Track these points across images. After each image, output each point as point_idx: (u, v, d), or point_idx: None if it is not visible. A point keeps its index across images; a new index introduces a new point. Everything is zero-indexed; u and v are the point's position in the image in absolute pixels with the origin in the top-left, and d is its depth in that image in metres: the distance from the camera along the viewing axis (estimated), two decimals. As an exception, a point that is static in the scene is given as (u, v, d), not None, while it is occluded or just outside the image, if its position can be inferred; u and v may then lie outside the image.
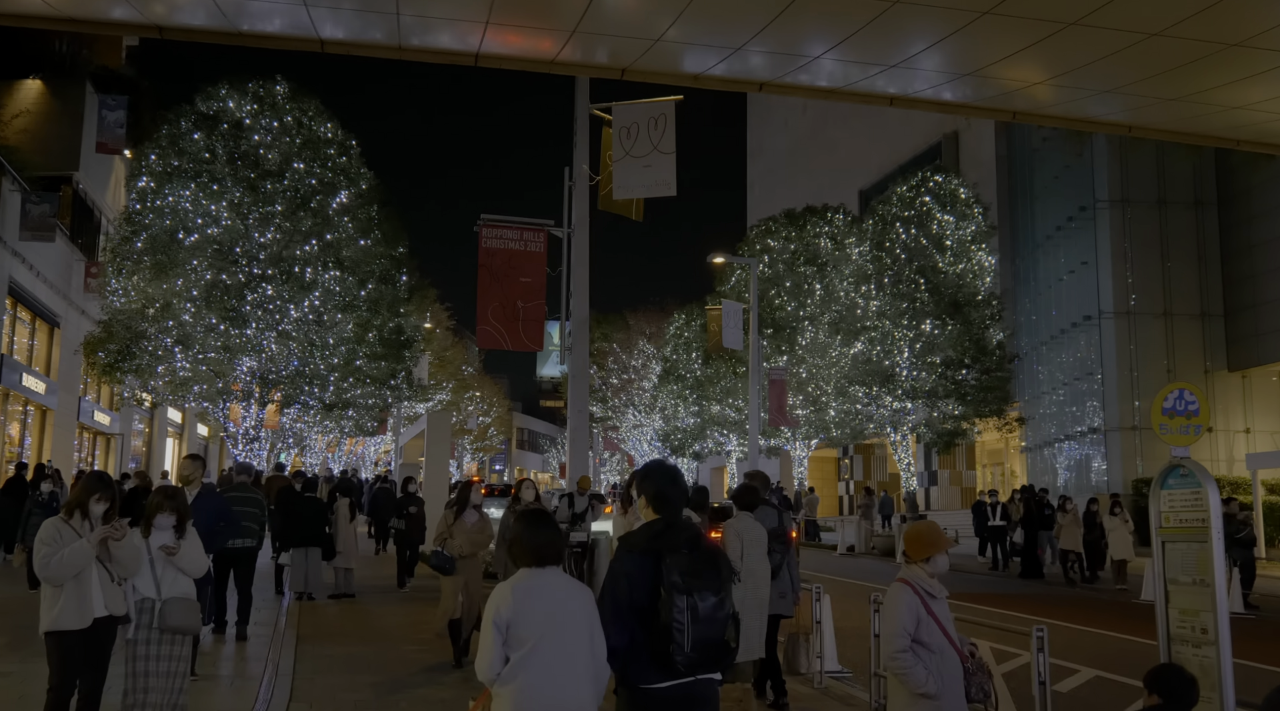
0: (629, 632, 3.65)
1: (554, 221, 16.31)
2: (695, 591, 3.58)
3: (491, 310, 15.78)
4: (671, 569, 3.60)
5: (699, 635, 3.55)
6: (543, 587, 3.66)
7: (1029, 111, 14.00)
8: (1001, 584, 19.27)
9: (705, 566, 3.66)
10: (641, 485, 3.97)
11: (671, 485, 3.92)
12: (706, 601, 3.59)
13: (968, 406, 29.15)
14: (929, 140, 42.67)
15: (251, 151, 24.72)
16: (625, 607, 3.66)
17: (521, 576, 3.70)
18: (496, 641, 3.56)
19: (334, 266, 24.46)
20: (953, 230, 30.29)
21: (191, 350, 23.53)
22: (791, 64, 12.14)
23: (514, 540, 3.76)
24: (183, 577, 5.71)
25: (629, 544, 3.79)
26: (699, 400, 42.56)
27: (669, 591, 3.57)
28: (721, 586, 3.68)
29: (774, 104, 61.18)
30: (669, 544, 3.67)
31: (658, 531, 3.75)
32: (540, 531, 3.78)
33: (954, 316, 29.14)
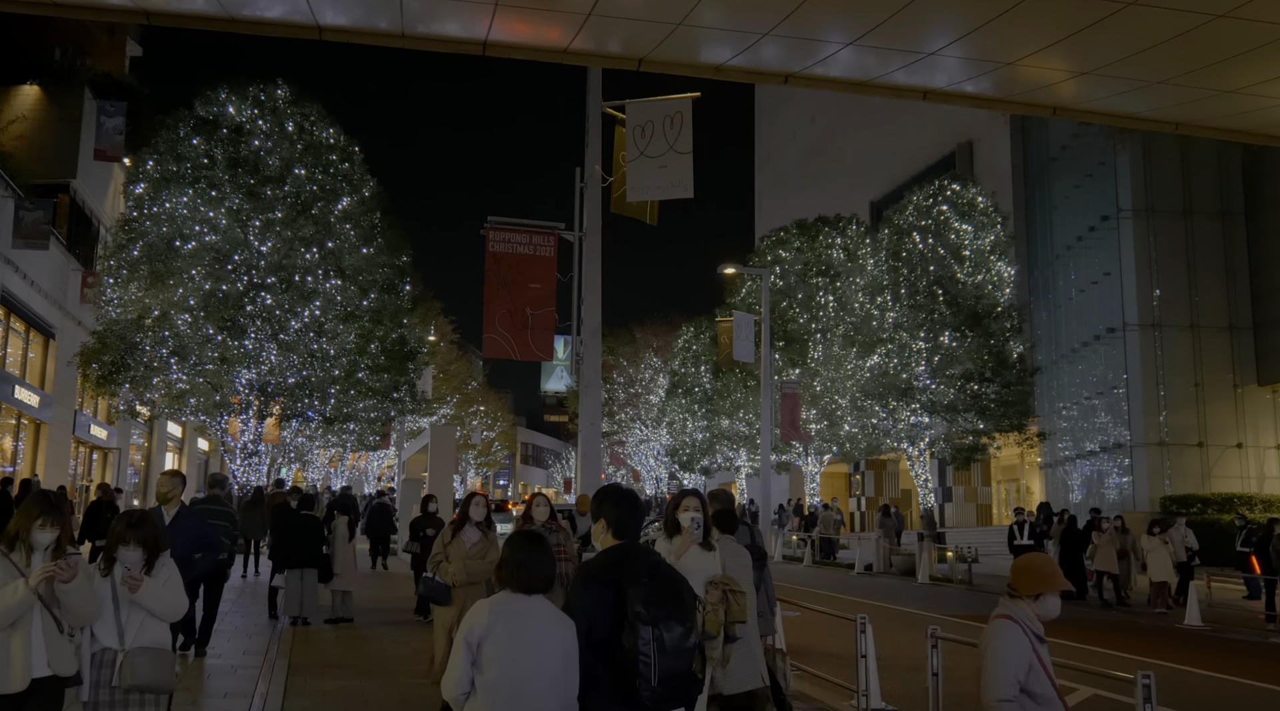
0: (587, 668, 3.50)
1: (564, 224, 15.54)
2: (660, 621, 3.43)
3: (499, 318, 15.00)
4: (634, 599, 3.45)
5: (666, 667, 3.41)
6: (524, 614, 3.47)
7: (1070, 106, 13.21)
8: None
9: (668, 595, 3.52)
10: (601, 510, 3.81)
11: (632, 510, 3.79)
12: (672, 632, 3.44)
13: (988, 421, 28.28)
14: (942, 150, 41.95)
15: (251, 156, 24.04)
16: (584, 642, 3.50)
17: (503, 598, 3.52)
18: (465, 660, 3.41)
19: (335, 275, 23.74)
20: (971, 240, 29.50)
21: (188, 361, 22.78)
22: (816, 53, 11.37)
23: (503, 562, 3.59)
24: (154, 623, 4.62)
25: (586, 574, 3.63)
26: (708, 414, 41.74)
27: (633, 622, 3.42)
28: (687, 615, 3.54)
29: (782, 114, 60.57)
30: (629, 573, 3.52)
31: (616, 559, 3.60)
32: (533, 556, 3.57)
33: (973, 328, 28.31)
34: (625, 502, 3.83)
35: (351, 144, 25.91)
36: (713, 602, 5.20)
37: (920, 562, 24.03)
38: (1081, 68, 11.69)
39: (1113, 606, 18.12)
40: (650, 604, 3.45)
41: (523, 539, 3.67)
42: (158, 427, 38.97)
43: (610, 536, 3.74)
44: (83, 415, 30.64)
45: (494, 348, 14.97)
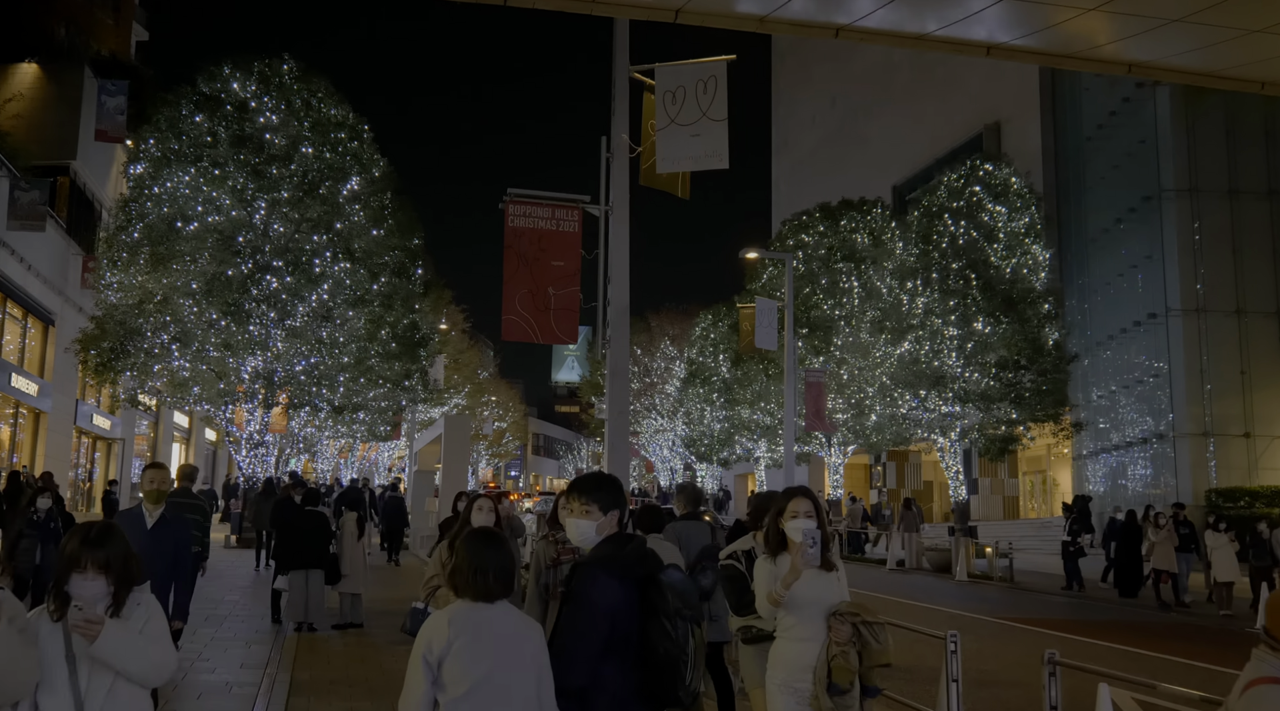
0: (594, 671, 3.19)
1: (590, 197, 14.43)
2: (686, 619, 3.23)
3: (519, 298, 13.89)
4: (665, 593, 3.21)
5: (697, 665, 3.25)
6: (487, 623, 3.13)
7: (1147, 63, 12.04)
8: (1090, 609, 17.21)
9: (691, 591, 3.35)
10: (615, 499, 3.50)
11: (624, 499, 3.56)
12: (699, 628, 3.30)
13: (1022, 410, 27.12)
14: (969, 132, 40.67)
15: (256, 134, 23.00)
16: (602, 641, 3.18)
17: (462, 608, 3.15)
18: (424, 680, 3.08)
19: (344, 258, 22.69)
20: (1005, 222, 28.29)
21: (190, 348, 21.78)
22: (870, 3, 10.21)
23: (456, 567, 3.20)
24: (127, 689, 3.13)
25: (609, 566, 3.28)
26: (727, 404, 40.62)
27: (670, 619, 3.18)
28: (700, 614, 3.41)
29: (801, 98, 59.28)
30: (658, 565, 3.29)
31: (641, 551, 3.32)
32: (491, 558, 3.19)
33: (1008, 314, 27.12)
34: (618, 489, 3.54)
35: (361, 122, 24.85)
36: (841, 643, 4.10)
37: (957, 559, 22.92)
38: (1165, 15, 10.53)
39: (1171, 607, 16.97)
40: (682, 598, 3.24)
41: (478, 538, 3.28)
42: (164, 417, 38.06)
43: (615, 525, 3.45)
44: (85, 405, 29.69)
45: (513, 330, 13.87)
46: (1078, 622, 14.76)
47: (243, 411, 24.33)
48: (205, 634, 10.83)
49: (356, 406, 24.13)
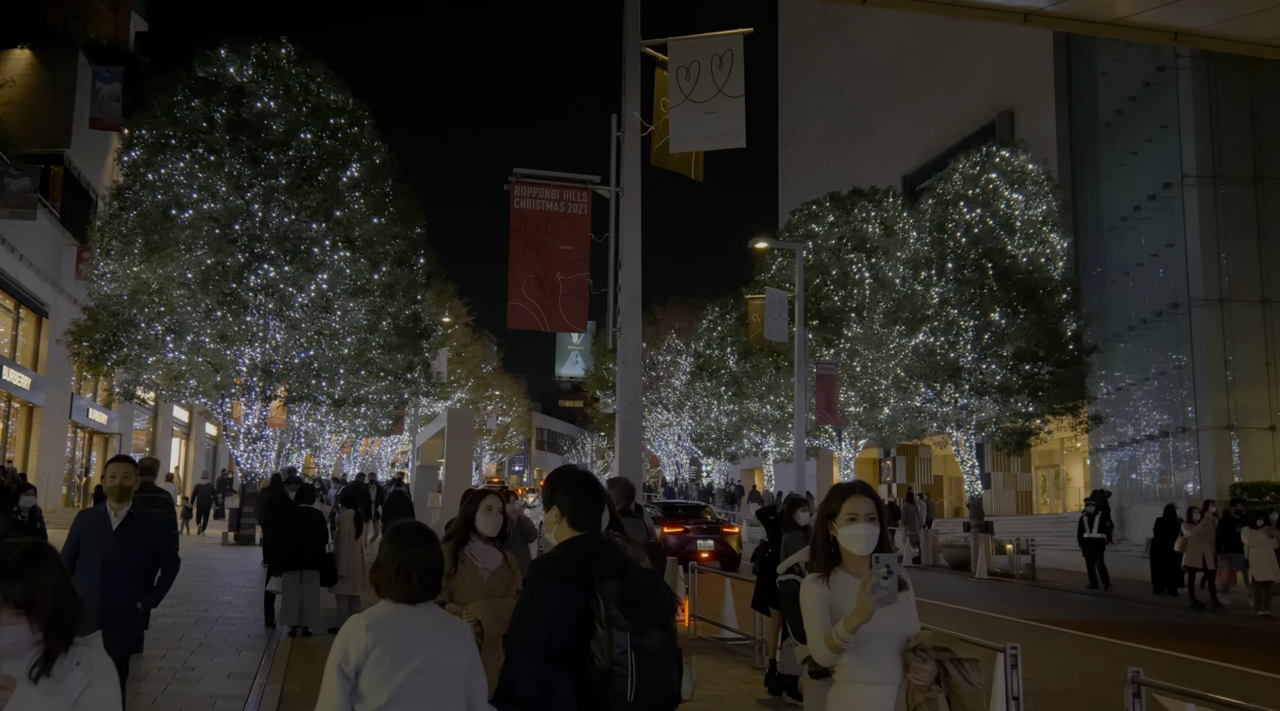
0: (544, 681, 2.92)
1: (600, 178, 13.73)
2: (639, 626, 2.90)
3: (525, 284, 13.21)
4: (609, 599, 2.91)
5: (644, 680, 2.89)
6: (410, 626, 2.88)
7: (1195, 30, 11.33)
8: (1120, 608, 16.50)
9: (647, 594, 2.97)
10: (554, 496, 3.22)
11: (591, 497, 3.22)
12: (652, 638, 2.92)
13: (1040, 403, 26.38)
14: (980, 120, 39.90)
15: (253, 120, 22.28)
16: (543, 650, 2.93)
17: (383, 610, 2.91)
18: (341, 691, 2.81)
19: (344, 246, 21.99)
20: (1022, 210, 27.53)
21: (185, 339, 21.11)
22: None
23: (379, 564, 2.95)
24: None
25: (550, 570, 3.03)
26: (735, 397, 39.94)
27: (608, 627, 2.88)
28: (667, 618, 3.01)
29: (808, 87, 58.50)
30: (603, 569, 2.97)
31: (587, 553, 3.03)
32: (416, 554, 2.93)
33: (1026, 304, 26.37)
34: (583, 488, 3.23)
35: (361, 107, 24.15)
36: (924, 687, 3.22)
37: (976, 555, 22.25)
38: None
39: (1206, 608, 16.27)
40: (628, 605, 2.94)
41: (405, 533, 3.04)
42: (162, 412, 37.45)
43: (567, 526, 3.16)
44: (80, 398, 29.10)
45: (520, 318, 13.19)
46: (1112, 624, 14.06)
47: (240, 405, 23.68)
48: (193, 638, 10.19)
49: (357, 400, 23.45)
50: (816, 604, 3.25)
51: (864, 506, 3.30)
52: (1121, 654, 11.30)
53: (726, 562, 19.85)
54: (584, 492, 3.21)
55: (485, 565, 4.62)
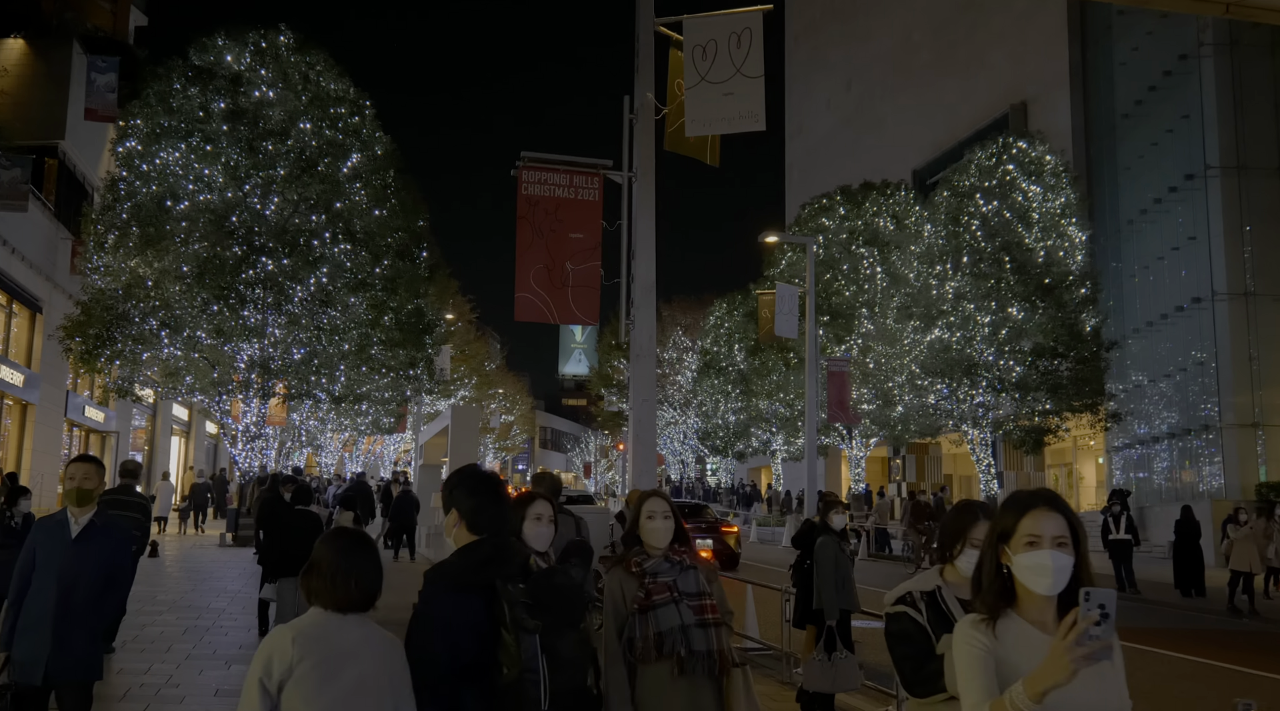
0: (448, 701, 2.69)
1: (611, 162, 13.07)
2: (551, 629, 2.79)
3: (534, 274, 12.55)
4: (514, 602, 2.75)
5: (560, 684, 2.79)
6: (340, 639, 2.69)
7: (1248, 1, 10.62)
8: (1154, 614, 15.80)
9: (556, 595, 2.89)
10: (452, 498, 3.01)
11: (492, 499, 3.00)
12: (565, 639, 2.84)
13: (1058, 400, 25.71)
14: (993, 113, 39.17)
15: (251, 109, 21.66)
16: (446, 666, 2.70)
17: (312, 621, 2.70)
18: (262, 706, 2.59)
19: (344, 239, 21.37)
20: (1040, 202, 26.85)
21: (181, 334, 20.48)
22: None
23: (311, 566, 2.74)
24: None
25: (444, 577, 2.82)
26: (742, 395, 39.29)
27: (515, 631, 2.72)
28: (577, 618, 2.94)
29: (816, 82, 57.79)
30: (503, 572, 2.82)
31: (484, 557, 2.84)
32: (353, 559, 2.74)
33: (1044, 299, 25.70)
34: (483, 489, 3.07)
35: (362, 97, 23.52)
36: None
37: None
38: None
39: (1244, 614, 15.57)
40: (535, 606, 2.77)
41: (345, 536, 2.87)
42: (161, 410, 36.84)
43: (464, 531, 2.99)
44: (76, 396, 28.44)
45: (528, 309, 12.53)
46: (1158, 633, 13.38)
47: (238, 402, 23.07)
48: (180, 650, 9.56)
49: (358, 397, 22.83)
50: (978, 658, 2.33)
51: (1050, 525, 2.32)
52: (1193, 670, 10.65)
53: (725, 562, 19.62)
54: (484, 495, 3.04)
55: None
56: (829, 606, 7.12)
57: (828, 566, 7.21)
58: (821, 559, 7.25)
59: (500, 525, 3.04)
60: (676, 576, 3.70)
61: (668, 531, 3.76)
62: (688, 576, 3.74)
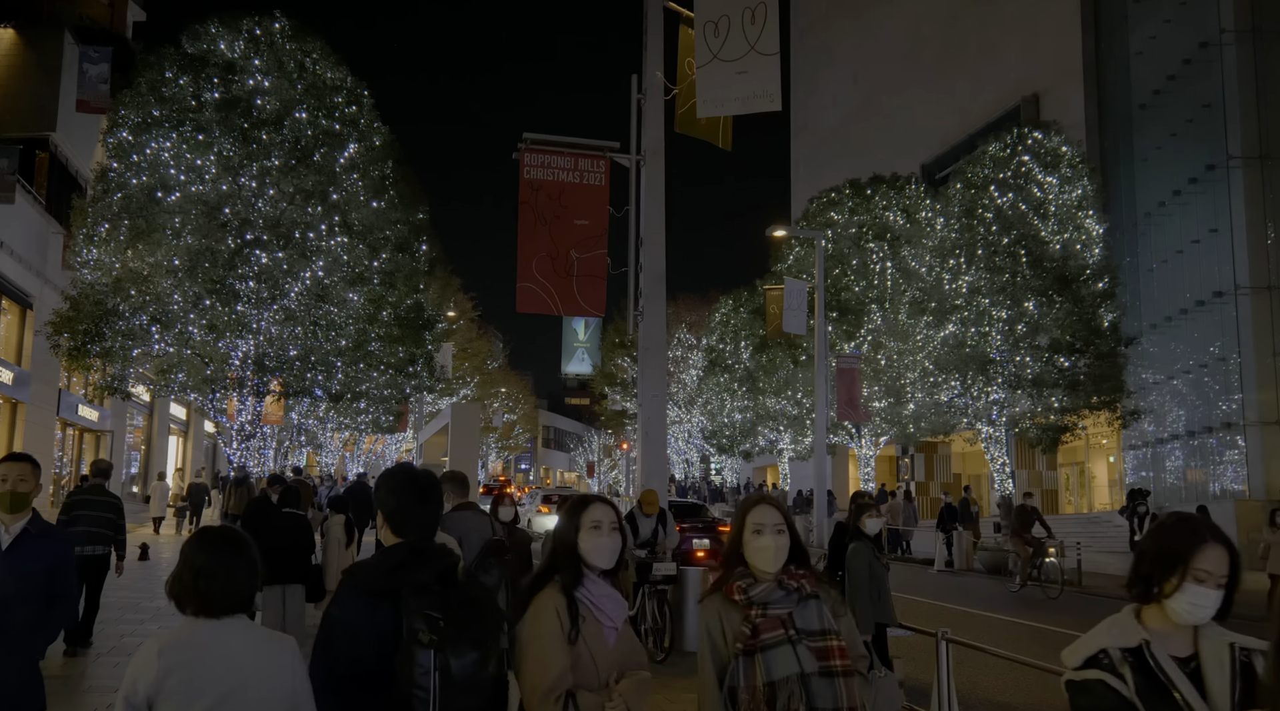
0: (348, 705, 2.60)
1: (619, 144, 12.41)
2: (448, 645, 2.54)
3: (536, 263, 11.89)
4: (414, 612, 2.56)
5: (451, 707, 2.54)
6: (214, 648, 2.51)
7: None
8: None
9: (464, 609, 2.62)
10: (377, 498, 2.90)
11: (418, 499, 2.86)
12: (463, 658, 2.56)
13: (1076, 397, 25.01)
14: (1004, 106, 38.48)
15: (245, 98, 20.98)
16: (344, 671, 2.61)
17: (181, 631, 2.54)
18: None
19: (341, 231, 20.69)
20: (1056, 194, 26.15)
21: (172, 330, 19.81)
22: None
23: (176, 573, 2.60)
24: None
25: (355, 581, 2.69)
26: (749, 393, 38.59)
27: (409, 645, 2.53)
28: (485, 636, 2.63)
29: (821, 77, 57.07)
30: (412, 579, 2.63)
31: (398, 561, 2.68)
32: (220, 560, 2.60)
33: (1061, 293, 24.99)
34: (407, 489, 2.84)
35: (360, 86, 22.84)
36: None
37: (1017, 560, 20.86)
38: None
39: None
40: (435, 619, 2.54)
41: (210, 535, 2.68)
42: (158, 409, 36.22)
43: (389, 532, 2.80)
44: (69, 395, 27.82)
45: (530, 300, 11.87)
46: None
47: (233, 400, 22.42)
48: (158, 665, 8.88)
49: (356, 394, 22.15)
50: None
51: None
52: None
53: None
54: (409, 494, 2.86)
55: (611, 619, 2.93)
56: (864, 620, 6.44)
57: (861, 576, 6.54)
58: (855, 568, 6.58)
59: (425, 528, 2.84)
60: (793, 608, 2.88)
61: (781, 549, 2.92)
62: (808, 609, 2.90)
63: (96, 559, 9.32)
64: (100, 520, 9.24)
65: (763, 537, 2.90)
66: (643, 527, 10.02)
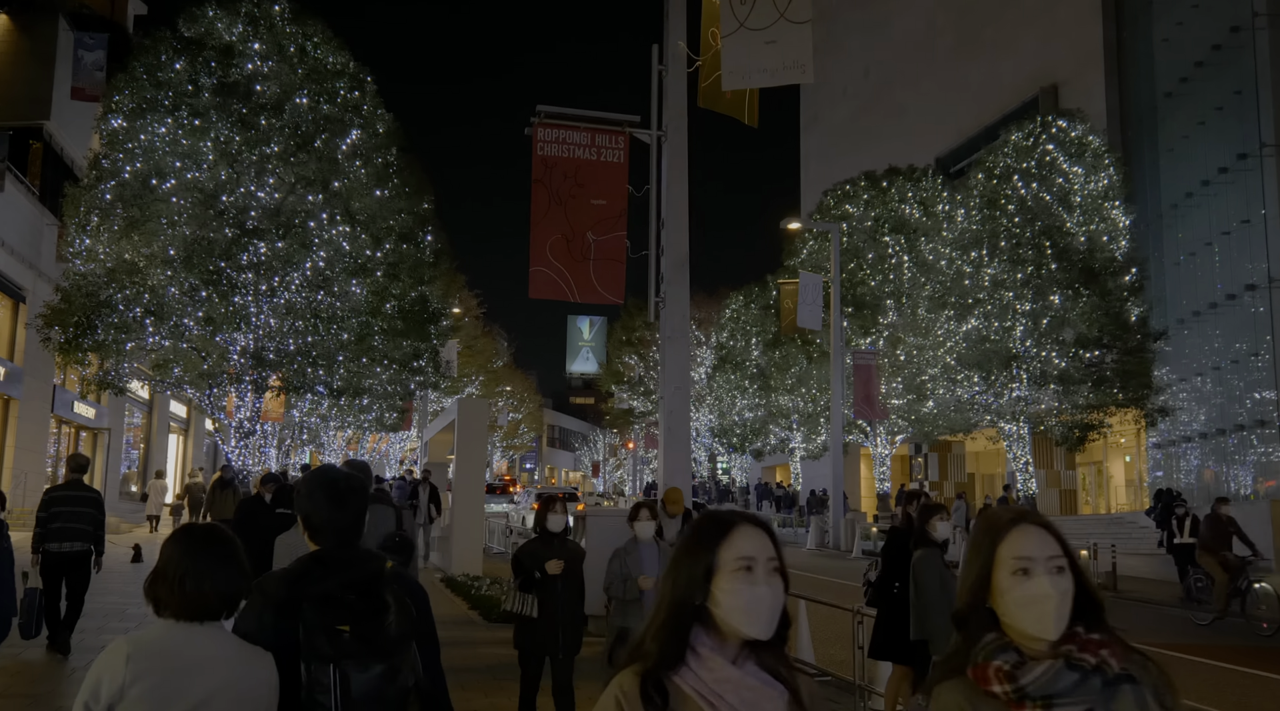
0: None
1: (639, 117, 11.60)
2: (350, 659, 2.36)
3: (551, 245, 11.08)
4: (314, 628, 2.37)
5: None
6: (188, 654, 2.35)
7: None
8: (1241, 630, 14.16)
9: (367, 619, 2.41)
10: (294, 501, 2.77)
11: (333, 504, 2.61)
12: (367, 672, 2.38)
13: (1103, 394, 24.17)
14: (1021, 96, 37.62)
15: (243, 82, 20.19)
16: None
17: (154, 633, 2.39)
18: None
19: (343, 220, 19.89)
20: (1081, 184, 25.31)
21: (167, 322, 19.03)
22: None
23: (157, 571, 2.43)
24: None
25: (261, 593, 2.50)
26: (760, 390, 37.81)
27: (307, 658, 2.37)
28: (392, 650, 2.42)
29: (832, 69, 56.21)
30: (314, 590, 2.42)
31: (301, 570, 2.49)
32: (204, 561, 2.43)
33: (1088, 286, 24.16)
34: (323, 492, 2.60)
35: (362, 71, 22.05)
36: None
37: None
38: None
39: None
40: (336, 632, 2.35)
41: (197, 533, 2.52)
42: (158, 406, 35.47)
43: (308, 538, 2.62)
44: (65, 391, 27.06)
45: (544, 285, 11.05)
46: (1249, 651, 11.82)
47: (232, 396, 21.64)
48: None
49: (359, 390, 21.36)
50: None
51: None
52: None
53: None
54: (324, 498, 2.62)
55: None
56: (937, 637, 5.61)
57: (933, 587, 5.71)
58: (925, 579, 5.75)
59: (341, 533, 2.60)
60: (1095, 702, 1.74)
61: (1065, 600, 1.76)
62: (1119, 700, 1.74)
63: (75, 556, 8.87)
64: (79, 516, 8.82)
65: (1035, 581, 1.76)
66: (667, 530, 9.21)
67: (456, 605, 13.32)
